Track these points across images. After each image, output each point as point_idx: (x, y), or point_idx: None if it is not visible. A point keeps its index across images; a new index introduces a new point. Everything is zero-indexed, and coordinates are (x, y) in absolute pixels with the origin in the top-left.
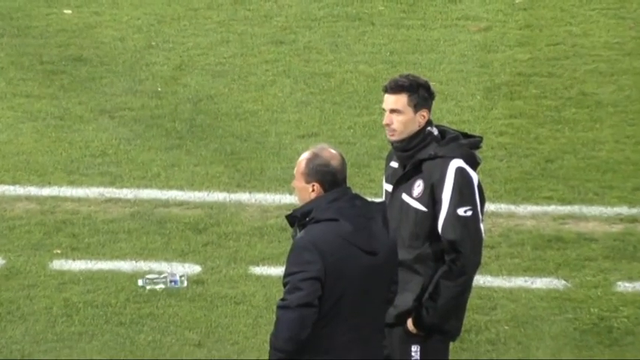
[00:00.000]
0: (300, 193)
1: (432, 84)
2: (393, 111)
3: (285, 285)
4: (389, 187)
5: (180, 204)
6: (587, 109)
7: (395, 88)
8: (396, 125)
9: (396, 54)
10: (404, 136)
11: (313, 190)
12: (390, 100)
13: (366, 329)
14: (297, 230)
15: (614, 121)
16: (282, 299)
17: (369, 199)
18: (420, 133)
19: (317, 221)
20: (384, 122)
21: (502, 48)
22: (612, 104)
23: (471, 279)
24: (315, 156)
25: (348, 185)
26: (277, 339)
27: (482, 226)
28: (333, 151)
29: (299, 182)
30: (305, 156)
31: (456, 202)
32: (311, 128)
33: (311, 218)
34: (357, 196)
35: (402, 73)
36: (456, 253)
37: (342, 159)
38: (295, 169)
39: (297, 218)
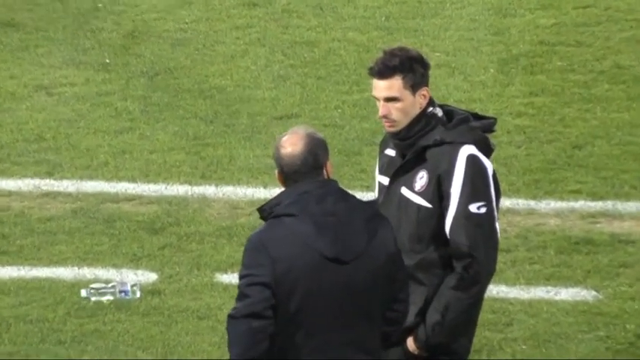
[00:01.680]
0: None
1: (436, 55)
2: (388, 99)
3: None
4: (384, 180)
5: (132, 199)
6: (623, 84)
7: (385, 71)
8: (395, 115)
9: (392, 19)
10: (405, 124)
11: (279, 179)
12: (382, 87)
13: (342, 350)
14: None
15: None
16: (233, 307)
17: (358, 198)
18: (421, 116)
19: (276, 216)
20: (380, 114)
21: (521, 11)
22: None
23: (484, 289)
24: (277, 140)
25: (333, 178)
26: (230, 354)
27: (497, 225)
28: (294, 135)
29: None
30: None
31: (467, 197)
32: (290, 108)
33: (272, 212)
34: (333, 191)
35: (387, 49)
36: (468, 258)
37: (303, 147)
38: None
39: (265, 211)
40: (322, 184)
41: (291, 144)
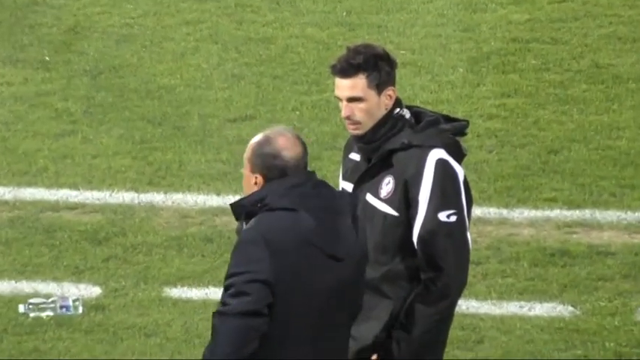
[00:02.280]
0: (244, 182)
1: (401, 53)
2: (351, 99)
3: (227, 288)
4: (348, 186)
5: (74, 207)
6: (602, 84)
7: (348, 69)
8: (359, 117)
9: (354, 14)
10: (371, 125)
11: (256, 183)
12: (345, 86)
13: (328, 352)
14: (244, 224)
15: (637, 100)
16: (223, 303)
17: (339, 189)
18: (387, 118)
19: (271, 209)
20: (344, 114)
21: (492, 6)
22: (634, 79)
23: (454, 304)
24: (266, 141)
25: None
26: (214, 354)
27: (469, 235)
28: (290, 136)
29: (245, 169)
30: (256, 139)
31: (436, 205)
32: (244, 109)
33: (264, 205)
34: (323, 184)
35: (352, 46)
36: (436, 270)
37: (302, 148)
38: (245, 152)
39: (245, 208)
40: (310, 177)
41: (293, 145)
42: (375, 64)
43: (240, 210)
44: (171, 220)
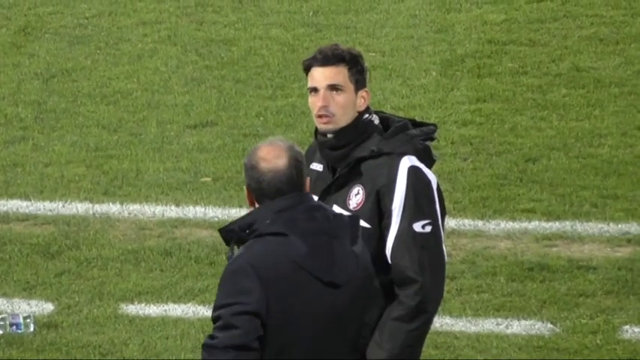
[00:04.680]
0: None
1: (371, 55)
2: (331, 87)
3: (215, 320)
4: None
5: (25, 218)
6: (583, 89)
7: (331, 58)
8: (334, 107)
9: (321, 14)
10: (342, 124)
11: (251, 200)
12: (326, 74)
13: None
14: (235, 250)
15: (620, 106)
16: (211, 336)
17: (338, 211)
18: (356, 122)
19: (259, 235)
20: (320, 103)
21: (467, 6)
22: (616, 83)
23: (431, 319)
24: (252, 153)
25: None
26: None
27: (444, 246)
28: (277, 147)
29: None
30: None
31: (410, 215)
32: (205, 115)
33: (252, 231)
34: (319, 207)
35: (327, 44)
36: (413, 284)
37: (287, 161)
38: None
39: (235, 232)
40: (301, 199)
41: (275, 157)
42: (357, 61)
43: (230, 235)
44: (127, 232)
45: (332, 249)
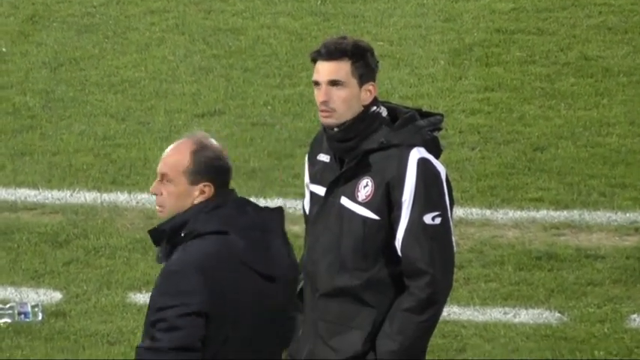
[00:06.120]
0: (176, 201)
1: (379, 44)
2: (332, 83)
3: (155, 323)
4: (318, 189)
5: (33, 207)
6: (591, 78)
7: (334, 52)
8: (336, 103)
9: (329, 3)
10: (345, 118)
11: (203, 193)
12: (328, 69)
13: None
14: (166, 250)
15: (628, 95)
16: (152, 338)
17: (261, 205)
18: (364, 115)
19: (198, 235)
20: (320, 99)
21: None
22: (625, 72)
23: (441, 310)
24: (201, 146)
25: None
26: None
27: (454, 237)
28: (213, 140)
29: (177, 185)
30: (187, 146)
31: (421, 207)
32: (213, 104)
33: (189, 232)
34: (246, 202)
35: (336, 35)
36: (423, 275)
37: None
38: (165, 166)
39: (165, 233)
40: (230, 195)
41: (221, 149)
42: (362, 54)
43: (160, 236)
44: (135, 221)
45: (268, 243)
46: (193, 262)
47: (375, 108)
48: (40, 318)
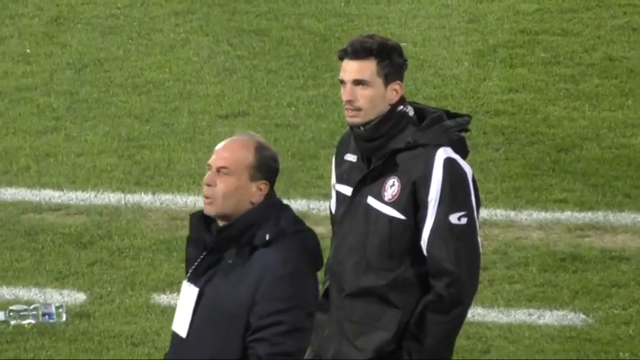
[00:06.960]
0: (231, 194)
1: (403, 45)
2: (357, 82)
3: (274, 324)
4: (345, 189)
5: (58, 208)
6: (615, 79)
7: (360, 51)
8: (361, 102)
9: (353, 4)
10: (370, 117)
11: (260, 190)
12: (353, 68)
13: None
14: (243, 252)
15: None
16: (274, 344)
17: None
18: (390, 114)
19: (282, 234)
20: (345, 98)
21: None
22: None
23: (466, 311)
24: (263, 145)
25: None
26: None
27: (479, 238)
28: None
29: (238, 178)
30: (251, 142)
31: (446, 207)
32: (237, 105)
33: (278, 232)
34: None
35: (364, 33)
36: (449, 275)
37: None
38: (227, 159)
39: (234, 238)
40: (275, 195)
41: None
42: (388, 54)
43: (228, 241)
44: (159, 222)
45: None
46: (302, 262)
47: (401, 107)
48: (64, 319)
